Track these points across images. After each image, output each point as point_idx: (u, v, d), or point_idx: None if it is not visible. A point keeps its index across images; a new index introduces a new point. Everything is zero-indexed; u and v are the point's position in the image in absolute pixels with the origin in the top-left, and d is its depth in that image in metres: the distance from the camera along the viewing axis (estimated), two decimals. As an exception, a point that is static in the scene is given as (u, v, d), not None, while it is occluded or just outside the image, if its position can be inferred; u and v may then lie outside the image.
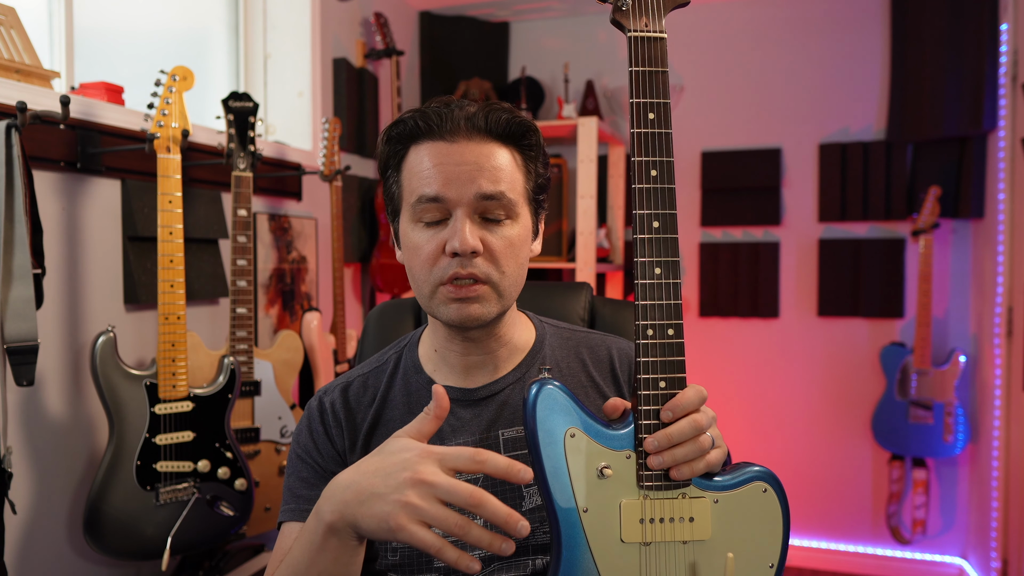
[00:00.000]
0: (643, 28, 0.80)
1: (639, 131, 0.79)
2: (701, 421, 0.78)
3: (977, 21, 2.80)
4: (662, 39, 0.80)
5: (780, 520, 0.80)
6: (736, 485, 0.80)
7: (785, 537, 0.80)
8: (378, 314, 1.36)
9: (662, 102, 0.79)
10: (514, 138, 0.94)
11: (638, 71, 0.79)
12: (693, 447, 0.78)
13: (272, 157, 2.32)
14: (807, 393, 3.24)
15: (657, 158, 0.79)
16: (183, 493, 1.67)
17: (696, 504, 0.79)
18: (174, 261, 1.65)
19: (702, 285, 3.32)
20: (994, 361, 2.78)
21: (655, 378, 0.79)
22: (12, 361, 1.38)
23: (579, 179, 2.81)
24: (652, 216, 0.80)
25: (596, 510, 0.78)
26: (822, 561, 3.22)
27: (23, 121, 1.40)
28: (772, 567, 0.80)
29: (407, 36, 3.25)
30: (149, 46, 2.21)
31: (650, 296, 0.79)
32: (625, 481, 0.79)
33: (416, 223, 0.93)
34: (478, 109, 0.93)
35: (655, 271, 0.79)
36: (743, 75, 3.24)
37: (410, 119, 0.93)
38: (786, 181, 3.21)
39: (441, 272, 0.91)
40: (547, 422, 0.79)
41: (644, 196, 0.79)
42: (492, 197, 0.90)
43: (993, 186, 2.81)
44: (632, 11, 0.80)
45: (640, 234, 0.80)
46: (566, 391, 0.80)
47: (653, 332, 0.79)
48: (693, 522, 0.79)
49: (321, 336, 2.33)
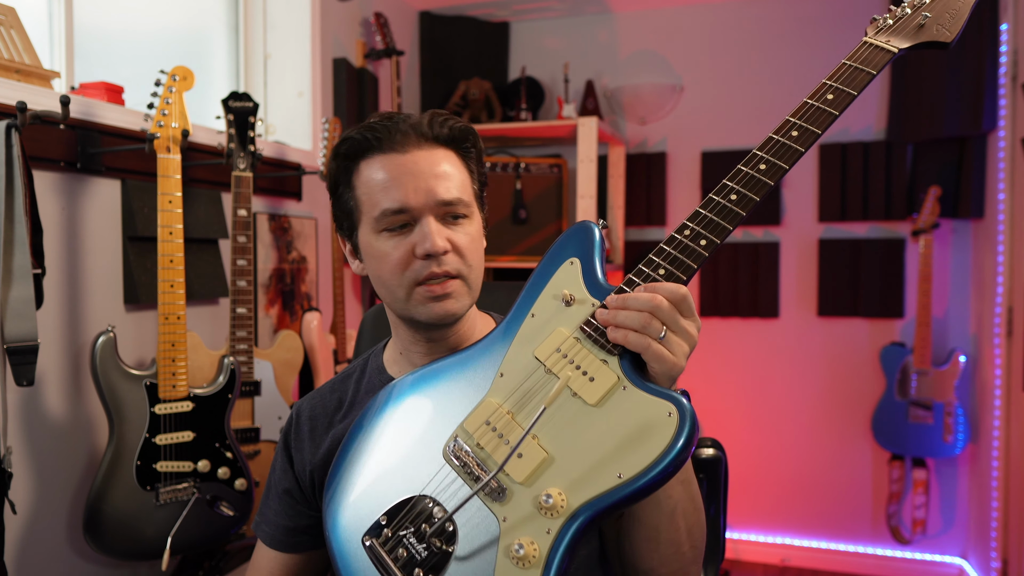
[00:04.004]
0: (884, 43, 0.91)
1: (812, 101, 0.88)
2: (660, 302, 0.79)
3: (977, 21, 2.80)
4: (891, 52, 0.90)
5: (661, 447, 0.74)
6: (650, 391, 0.78)
7: (654, 465, 0.74)
8: (374, 316, 1.36)
9: (849, 91, 0.88)
10: (456, 142, 0.99)
11: (848, 63, 0.89)
12: (637, 317, 0.79)
13: (272, 157, 2.32)
14: (807, 393, 3.24)
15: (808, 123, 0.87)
16: (183, 493, 1.67)
17: (605, 373, 0.80)
18: (174, 261, 1.65)
19: (702, 285, 3.32)
20: (994, 361, 2.78)
21: (659, 263, 0.84)
22: (12, 361, 1.38)
23: (579, 179, 2.81)
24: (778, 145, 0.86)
25: (539, 320, 0.87)
26: (822, 561, 3.22)
27: (23, 121, 1.40)
28: (620, 477, 0.75)
29: (407, 36, 3.25)
30: (149, 46, 2.21)
31: (711, 209, 0.84)
32: (574, 317, 0.85)
33: (379, 233, 0.97)
34: (421, 118, 0.98)
35: (731, 197, 0.84)
36: (743, 75, 3.24)
37: (358, 135, 0.97)
38: (786, 181, 3.21)
39: (414, 274, 0.95)
40: (567, 243, 0.89)
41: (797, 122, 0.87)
42: (450, 202, 0.96)
43: (993, 186, 2.81)
44: (884, 29, 0.92)
45: (752, 157, 0.86)
46: (599, 240, 0.88)
47: (689, 233, 0.84)
48: (592, 382, 0.80)
49: (321, 336, 2.33)
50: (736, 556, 3.31)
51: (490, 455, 0.82)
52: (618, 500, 0.75)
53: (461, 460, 0.82)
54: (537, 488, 0.78)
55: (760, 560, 3.29)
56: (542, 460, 0.79)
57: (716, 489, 1.10)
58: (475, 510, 0.80)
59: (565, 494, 0.77)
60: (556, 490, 0.77)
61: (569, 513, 0.76)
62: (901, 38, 0.90)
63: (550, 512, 0.76)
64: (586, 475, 0.77)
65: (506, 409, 0.84)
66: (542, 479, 0.79)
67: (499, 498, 0.79)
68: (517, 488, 0.79)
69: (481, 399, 0.85)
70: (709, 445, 1.17)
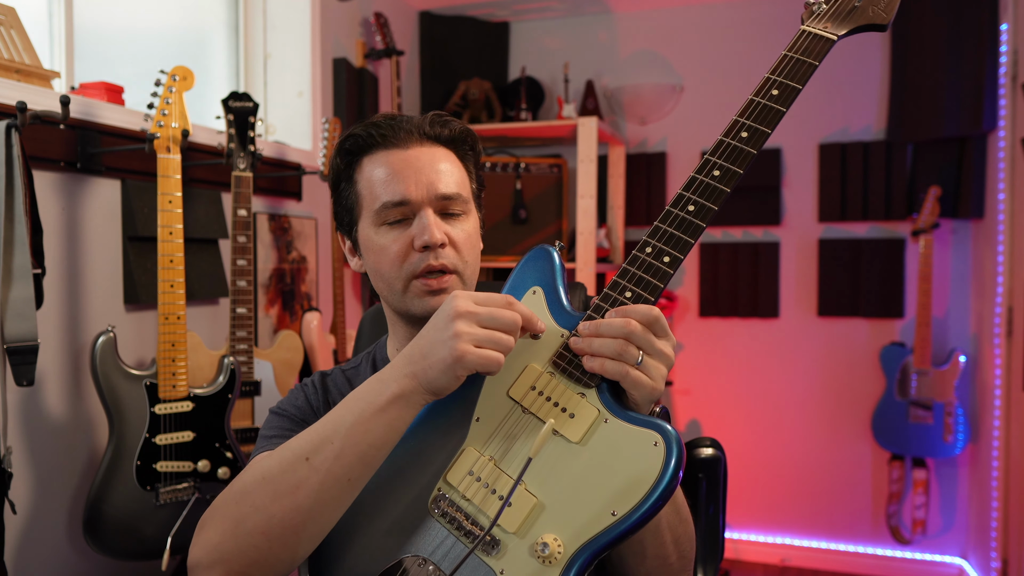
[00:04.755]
0: (822, 30, 0.87)
1: (757, 99, 0.85)
2: (634, 327, 0.77)
3: (977, 21, 2.80)
4: (831, 39, 0.86)
5: (651, 479, 0.73)
6: (633, 421, 0.76)
7: (647, 498, 0.73)
8: (373, 315, 1.36)
9: (793, 85, 0.85)
10: (456, 143, 1.02)
11: (789, 55, 0.86)
12: (613, 345, 0.77)
13: (272, 157, 2.32)
14: (807, 393, 3.24)
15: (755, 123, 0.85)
16: (183, 493, 1.67)
17: (585, 407, 0.78)
18: (174, 261, 1.66)
19: (702, 285, 3.32)
20: (994, 361, 2.78)
21: (624, 285, 0.82)
22: (12, 361, 1.38)
23: (579, 179, 2.81)
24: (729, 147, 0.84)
25: (509, 357, 0.81)
26: (822, 561, 3.22)
27: (23, 121, 1.40)
28: (614, 515, 0.73)
29: (407, 36, 3.25)
30: (149, 46, 2.21)
31: (670, 223, 0.82)
32: (544, 350, 0.83)
33: (379, 226, 0.98)
34: (423, 118, 1.00)
35: (689, 208, 0.82)
36: (743, 75, 3.23)
37: (363, 131, 1.00)
38: (786, 181, 3.21)
39: (412, 267, 0.96)
40: (526, 271, 0.88)
41: (727, 148, 0.84)
42: (449, 197, 0.97)
43: (993, 186, 2.81)
44: (820, 15, 0.89)
45: (705, 163, 0.84)
46: (559, 265, 0.87)
47: (651, 251, 0.82)
48: (572, 418, 0.78)
49: (321, 336, 2.33)
50: (736, 556, 3.31)
51: (479, 508, 0.79)
52: (615, 537, 0.73)
53: (448, 516, 0.80)
54: (531, 537, 0.76)
55: (760, 560, 3.29)
56: (532, 506, 0.77)
57: (715, 489, 1.10)
58: (471, 567, 0.77)
59: (561, 539, 0.75)
60: (551, 536, 0.75)
61: (567, 558, 0.74)
62: (838, 23, 0.87)
63: (548, 560, 0.74)
64: (579, 517, 0.75)
65: (488, 456, 0.81)
66: (535, 527, 0.76)
67: (493, 551, 0.77)
68: (511, 539, 0.77)
69: (460, 448, 0.82)
70: (708, 445, 1.16)
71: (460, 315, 0.78)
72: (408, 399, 0.80)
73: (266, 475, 0.82)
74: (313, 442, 0.82)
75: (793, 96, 0.84)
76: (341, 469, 0.80)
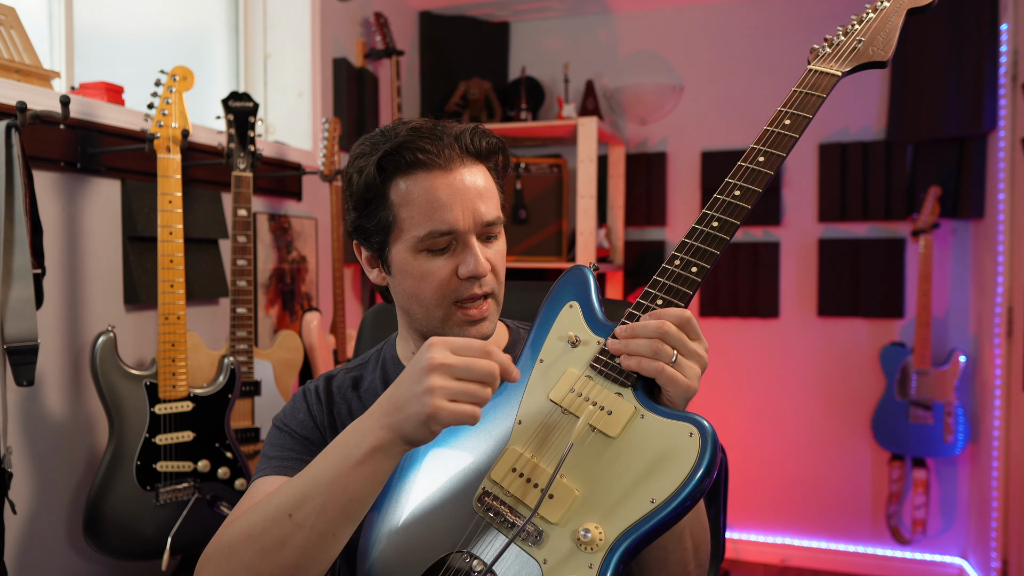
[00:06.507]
0: (827, 69, 0.96)
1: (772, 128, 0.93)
2: (668, 327, 0.81)
3: (977, 21, 2.80)
4: (835, 76, 0.95)
5: (688, 467, 0.76)
6: (668, 416, 0.80)
7: (684, 485, 0.76)
8: (374, 315, 1.36)
9: (803, 115, 0.92)
10: (490, 156, 1.00)
11: (799, 90, 0.94)
12: (648, 344, 0.81)
13: (272, 157, 2.32)
14: (807, 393, 3.24)
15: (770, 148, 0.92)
16: (183, 493, 1.67)
17: (621, 404, 0.82)
18: (174, 261, 1.65)
19: (702, 285, 3.31)
20: (994, 361, 2.78)
21: (655, 295, 0.87)
22: (12, 361, 1.38)
23: (579, 179, 2.81)
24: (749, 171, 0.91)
25: (547, 364, 0.89)
26: (822, 561, 3.22)
27: (23, 121, 1.40)
28: (653, 502, 0.76)
29: (407, 36, 3.25)
30: (149, 46, 2.21)
31: (696, 238, 0.89)
32: (582, 357, 0.88)
33: (420, 252, 0.96)
34: (463, 131, 0.97)
35: (713, 224, 0.88)
36: (743, 75, 3.24)
37: (407, 152, 0.93)
38: (786, 181, 3.21)
39: (455, 294, 0.96)
40: (562, 288, 0.94)
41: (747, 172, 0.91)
42: (492, 223, 0.98)
43: (993, 186, 2.81)
44: (825, 57, 0.98)
45: (726, 185, 0.90)
46: (593, 281, 0.93)
47: (680, 263, 0.88)
48: (611, 415, 0.82)
49: (321, 336, 2.33)
50: (736, 556, 3.31)
51: (521, 500, 0.82)
52: (654, 525, 0.76)
53: (493, 510, 0.82)
54: (573, 525, 0.79)
55: (760, 560, 3.29)
56: (574, 498, 0.80)
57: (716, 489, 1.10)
58: (514, 558, 0.80)
59: (602, 527, 0.78)
60: (593, 524, 0.78)
61: (609, 545, 0.77)
62: (841, 63, 0.96)
63: (590, 547, 0.77)
64: (619, 505, 0.78)
65: (529, 454, 0.84)
66: (576, 516, 0.79)
67: (536, 541, 0.80)
68: (553, 529, 0.80)
69: (504, 448, 0.86)
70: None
71: (434, 368, 0.76)
72: (386, 451, 0.79)
73: (251, 532, 0.82)
74: (294, 498, 0.81)
75: (804, 125, 0.92)
76: (325, 524, 0.80)
